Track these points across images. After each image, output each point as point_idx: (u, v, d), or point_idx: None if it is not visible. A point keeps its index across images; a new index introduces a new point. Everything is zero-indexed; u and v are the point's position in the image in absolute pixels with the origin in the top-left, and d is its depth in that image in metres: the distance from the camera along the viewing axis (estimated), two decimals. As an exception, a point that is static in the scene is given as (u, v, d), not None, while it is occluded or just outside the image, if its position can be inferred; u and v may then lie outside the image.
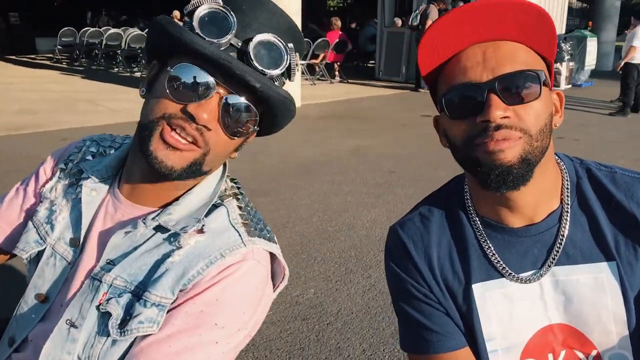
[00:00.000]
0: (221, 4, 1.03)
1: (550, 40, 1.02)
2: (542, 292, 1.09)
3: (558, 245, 1.08)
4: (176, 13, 15.57)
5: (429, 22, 12.16)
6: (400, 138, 7.93)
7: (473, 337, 1.12)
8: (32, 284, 1.18)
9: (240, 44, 1.04)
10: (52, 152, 1.31)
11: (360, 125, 8.68)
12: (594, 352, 1.09)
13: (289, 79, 1.12)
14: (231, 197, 1.18)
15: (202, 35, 1.01)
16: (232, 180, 1.23)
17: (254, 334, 1.12)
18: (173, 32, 1.01)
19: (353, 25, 18.99)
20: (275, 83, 1.07)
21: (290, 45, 1.08)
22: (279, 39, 1.06)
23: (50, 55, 17.04)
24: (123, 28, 15.98)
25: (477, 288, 1.11)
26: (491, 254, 1.10)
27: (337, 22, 14.55)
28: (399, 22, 14.65)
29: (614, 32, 16.68)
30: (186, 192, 1.14)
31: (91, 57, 16.47)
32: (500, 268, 1.10)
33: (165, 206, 1.14)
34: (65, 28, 15.66)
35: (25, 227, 1.22)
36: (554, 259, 1.08)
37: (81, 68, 15.59)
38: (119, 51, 15.21)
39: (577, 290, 1.07)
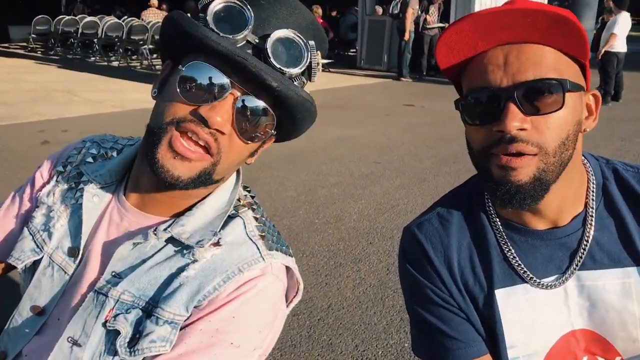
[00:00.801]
0: None
1: (579, 39, 0.94)
2: (567, 297, 1.05)
3: (583, 249, 1.03)
4: (154, 1, 15.34)
5: (410, 11, 12.16)
6: (383, 128, 7.88)
7: (494, 344, 1.07)
8: (27, 295, 1.10)
9: (257, 40, 0.97)
10: (49, 156, 1.22)
11: (344, 115, 8.62)
12: (617, 359, 1.05)
13: (310, 80, 1.05)
14: (247, 208, 1.10)
15: (216, 31, 0.94)
16: (244, 188, 1.16)
17: (268, 352, 1.06)
18: (185, 26, 0.94)
19: (334, 14, 18.86)
20: (295, 83, 0.99)
21: (312, 42, 1.01)
22: (298, 35, 0.98)
23: (25, 44, 16.67)
24: (99, 16, 15.65)
25: (500, 294, 1.06)
26: (512, 258, 1.06)
27: (318, 11, 14.44)
28: (379, 10, 14.60)
29: (593, 21, 16.76)
30: (199, 201, 1.07)
31: (67, 45, 16.10)
32: (523, 273, 1.05)
33: (176, 215, 1.06)
34: (40, 16, 15.32)
35: (20, 234, 1.14)
36: (578, 263, 1.03)
37: (57, 57, 15.26)
38: (95, 40, 14.94)
39: (602, 295, 1.03)
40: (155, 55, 13.70)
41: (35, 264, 1.11)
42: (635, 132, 7.72)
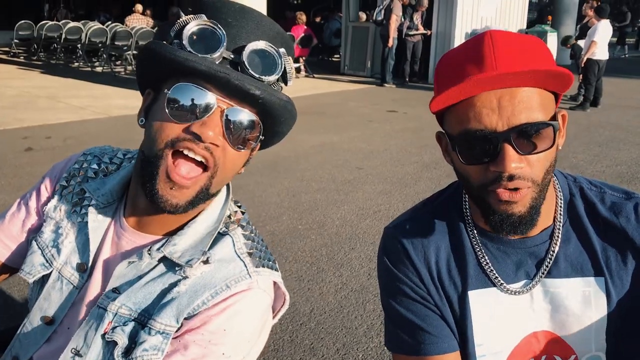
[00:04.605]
0: (207, 20, 1.03)
1: (567, 84, 1.01)
2: (532, 302, 1.14)
3: (549, 258, 1.12)
4: (138, 7, 15.32)
5: (393, 17, 12.24)
6: (366, 134, 7.97)
7: (464, 342, 1.15)
8: (37, 306, 1.17)
9: (232, 56, 1.03)
10: (52, 167, 1.29)
11: (327, 121, 8.70)
12: (572, 357, 1.15)
13: (285, 84, 1.12)
14: (236, 225, 1.17)
15: (194, 52, 1.00)
16: (235, 203, 1.23)
17: (255, 359, 1.13)
18: (165, 53, 1.00)
19: (318, 20, 18.96)
20: (274, 88, 1.07)
21: (282, 50, 1.07)
22: (270, 45, 1.05)
23: (7, 49, 16.51)
24: (83, 21, 15.55)
25: (472, 295, 1.14)
26: (486, 264, 1.14)
27: (302, 17, 14.52)
28: (363, 16, 14.71)
29: (573, 27, 17.03)
30: (191, 219, 1.14)
31: (50, 51, 15.99)
32: (494, 278, 1.14)
33: (170, 234, 1.13)
34: (23, 21, 15.19)
35: (29, 247, 1.21)
36: (544, 271, 1.12)
37: (40, 63, 15.17)
38: (79, 45, 14.86)
39: (564, 301, 1.12)
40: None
41: (44, 277, 1.17)
42: (612, 138, 7.89)
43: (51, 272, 1.16)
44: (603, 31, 10.15)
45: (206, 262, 1.09)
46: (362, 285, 3.58)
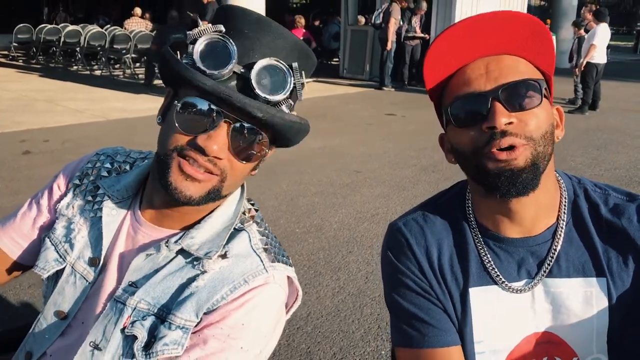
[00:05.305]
0: (221, 32, 1.04)
1: (549, 54, 1.09)
2: (534, 302, 1.14)
3: (551, 257, 1.13)
4: (137, 10, 15.33)
5: (392, 21, 12.27)
6: (365, 137, 7.97)
7: (463, 338, 1.16)
8: (51, 300, 1.19)
9: (242, 70, 1.04)
10: (64, 166, 1.30)
11: (326, 125, 8.68)
12: (574, 359, 1.14)
13: (298, 99, 1.13)
14: (252, 222, 1.20)
15: (202, 68, 1.01)
16: (248, 201, 1.25)
17: (269, 354, 1.15)
18: (173, 68, 1.02)
19: (317, 23, 18.99)
20: (283, 106, 1.07)
21: (295, 64, 1.08)
22: (280, 61, 1.06)
23: (6, 52, 16.51)
24: (82, 25, 15.57)
25: (474, 292, 1.15)
26: (488, 262, 1.15)
27: (301, 21, 14.53)
28: (362, 20, 14.72)
29: (571, 30, 17.03)
30: (207, 214, 1.16)
31: (49, 54, 16.00)
32: (496, 277, 1.14)
33: (186, 228, 1.15)
34: (22, 24, 15.20)
35: (42, 244, 1.23)
36: (546, 270, 1.13)
37: (38, 66, 15.16)
38: (77, 49, 14.86)
39: (565, 302, 1.12)
40: (138, 65, 13.68)
41: (58, 272, 1.19)
42: (610, 141, 7.89)
43: (65, 267, 1.18)
44: (602, 34, 10.18)
45: (224, 256, 1.11)
46: (359, 289, 3.58)
